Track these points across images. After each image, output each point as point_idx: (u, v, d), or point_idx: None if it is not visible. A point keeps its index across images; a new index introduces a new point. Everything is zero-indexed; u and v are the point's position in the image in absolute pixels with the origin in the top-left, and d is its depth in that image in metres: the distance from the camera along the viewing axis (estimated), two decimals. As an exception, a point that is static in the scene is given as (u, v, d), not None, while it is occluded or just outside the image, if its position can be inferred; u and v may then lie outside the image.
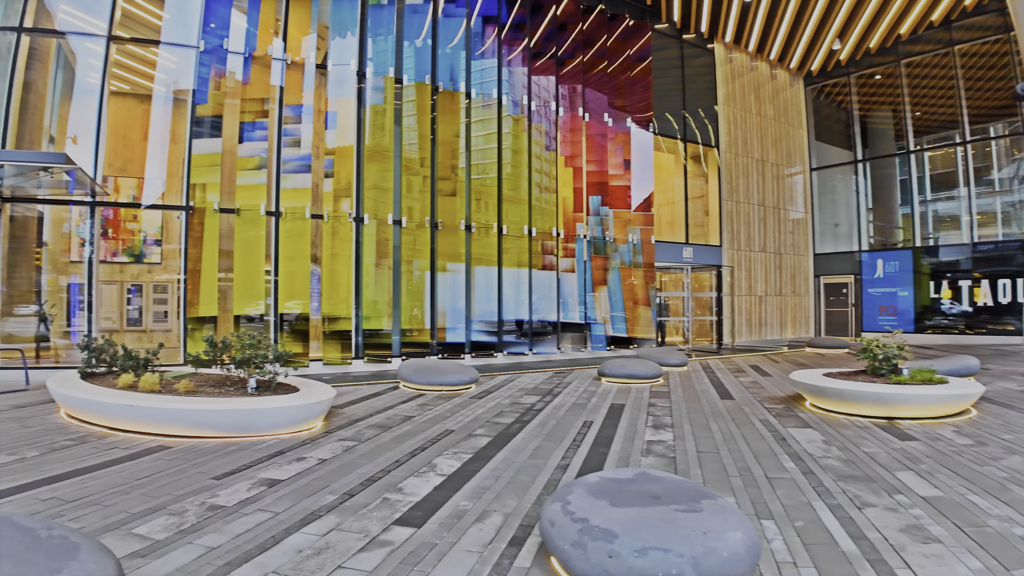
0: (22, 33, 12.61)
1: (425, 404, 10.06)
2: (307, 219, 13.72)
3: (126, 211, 16.40)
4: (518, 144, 17.02)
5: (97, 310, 16.20)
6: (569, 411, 9.58)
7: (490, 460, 6.63)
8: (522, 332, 16.79)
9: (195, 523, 4.72)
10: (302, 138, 14.00)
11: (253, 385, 8.33)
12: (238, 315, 13.19)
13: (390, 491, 5.56)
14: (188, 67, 13.52)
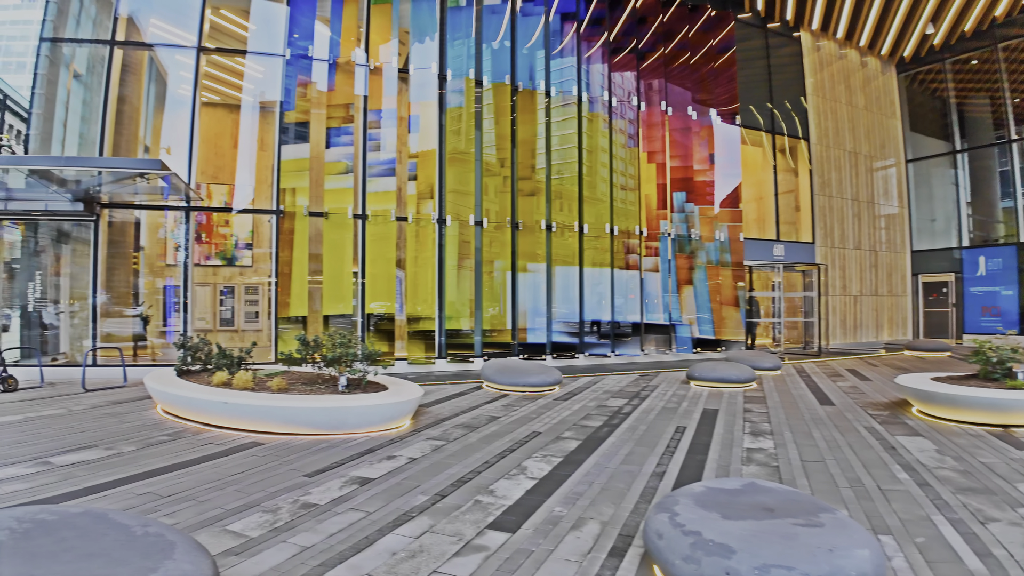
0: (114, 46, 13.31)
1: (510, 405, 10.05)
2: (392, 222, 14.03)
3: (219, 216, 16.93)
4: (598, 141, 16.85)
5: (192, 311, 16.94)
6: (659, 415, 9.35)
7: (581, 465, 6.52)
8: (604, 333, 16.60)
9: (288, 521, 4.81)
10: (386, 142, 14.32)
11: (344, 383, 8.50)
12: (327, 315, 13.57)
13: (481, 493, 5.53)
14: (275, 76, 14.03)
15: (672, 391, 11.64)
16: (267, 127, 14.98)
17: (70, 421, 8.50)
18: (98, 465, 6.37)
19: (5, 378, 10.70)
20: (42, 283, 13.82)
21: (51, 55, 13.21)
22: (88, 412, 9.16)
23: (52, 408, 9.40)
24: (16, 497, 5.29)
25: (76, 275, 13.94)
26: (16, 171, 10.36)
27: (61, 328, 13.93)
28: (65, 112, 13.44)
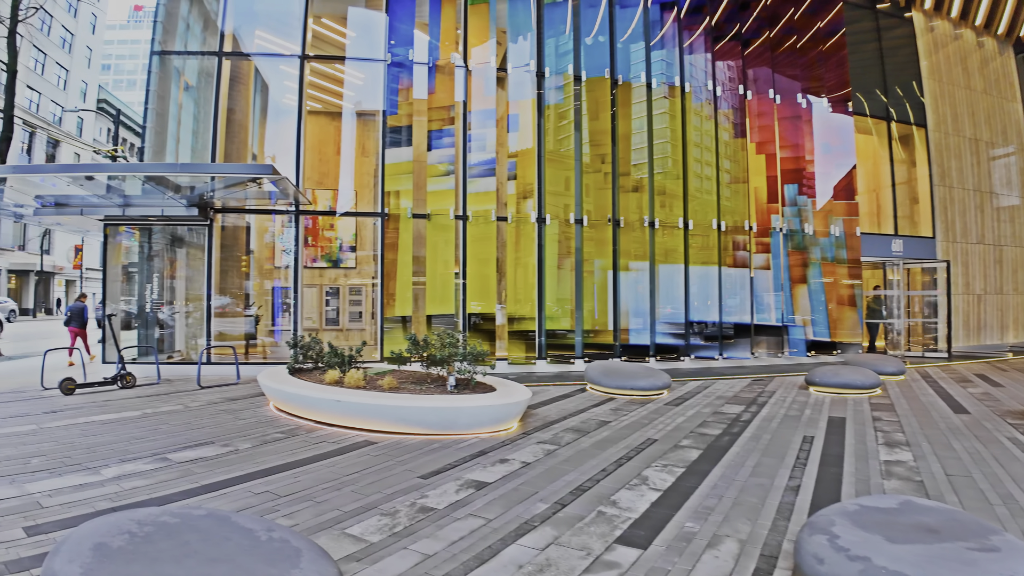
0: (222, 58, 13.77)
1: (618, 409, 9.70)
2: (491, 222, 13.95)
3: (323, 220, 17.33)
4: (703, 133, 16.20)
5: (300, 311, 17.48)
6: (782, 424, 8.80)
7: (706, 476, 6.15)
8: (710, 335, 15.90)
9: (408, 525, 4.70)
10: (485, 142, 14.29)
11: (452, 383, 8.38)
12: (429, 315, 13.59)
13: (603, 504, 5.27)
14: (376, 82, 14.23)
15: (791, 397, 11.01)
16: (368, 133, 15.23)
17: (187, 417, 8.78)
18: (215, 462, 6.47)
19: (124, 375, 11.19)
20: (159, 285, 14.48)
21: (161, 68, 13.82)
22: (204, 409, 9.44)
23: (169, 404, 9.74)
24: (136, 494, 5.40)
25: (190, 277, 14.53)
26: (135, 178, 10.80)
27: (176, 328, 14.55)
28: (177, 123, 14.08)
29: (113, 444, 7.13)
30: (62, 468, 6.12)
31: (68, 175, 10.38)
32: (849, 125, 18.69)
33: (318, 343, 10.17)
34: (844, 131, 18.53)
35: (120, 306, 14.05)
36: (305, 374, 9.65)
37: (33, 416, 8.66)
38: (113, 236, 13.28)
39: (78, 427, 8.01)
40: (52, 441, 7.22)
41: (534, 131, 14.47)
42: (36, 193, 11.86)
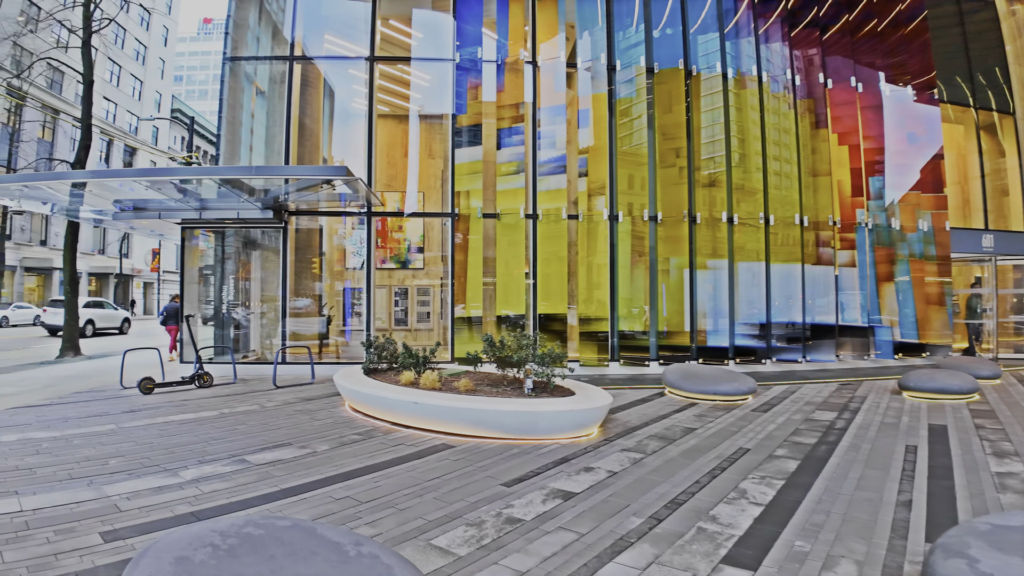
0: (293, 62, 13.81)
1: (702, 415, 9.25)
2: (563, 220, 13.60)
3: (392, 222, 17.39)
4: (783, 124, 15.48)
5: (372, 311, 17.60)
6: (880, 432, 8.25)
7: (809, 489, 5.74)
8: (792, 336, 15.14)
9: (496, 538, 4.46)
10: (555, 139, 13.97)
11: (530, 386, 8.08)
12: (499, 315, 13.33)
13: (702, 519, 4.92)
14: (443, 83, 14.12)
15: (884, 403, 10.41)
16: (434, 134, 15.13)
17: (263, 418, 8.73)
18: (294, 464, 6.35)
19: (201, 375, 11.28)
20: (234, 287, 14.65)
21: (233, 75, 13.95)
22: (280, 409, 9.40)
23: (246, 404, 9.74)
24: (215, 497, 5.30)
25: (264, 279, 14.66)
26: (211, 181, 10.86)
27: (251, 328, 14.70)
28: (250, 129, 14.23)
29: (191, 445, 7.10)
30: (140, 469, 6.10)
31: (145, 179, 10.49)
32: (935, 114, 17.58)
33: (392, 343, 10.04)
34: (930, 120, 17.44)
35: (200, 308, 14.28)
36: (380, 375, 9.51)
37: (112, 415, 8.76)
38: (190, 239, 13.47)
39: (156, 427, 8.04)
40: (131, 441, 7.24)
41: (605, 126, 14.07)
42: (115, 198, 12.09)
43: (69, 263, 18.06)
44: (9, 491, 5.40)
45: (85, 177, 10.61)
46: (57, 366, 15.68)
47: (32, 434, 7.55)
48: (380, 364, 9.99)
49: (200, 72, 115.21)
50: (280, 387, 11.41)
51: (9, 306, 35.06)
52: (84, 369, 14.77)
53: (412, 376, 8.72)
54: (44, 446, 6.96)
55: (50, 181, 10.62)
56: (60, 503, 5.11)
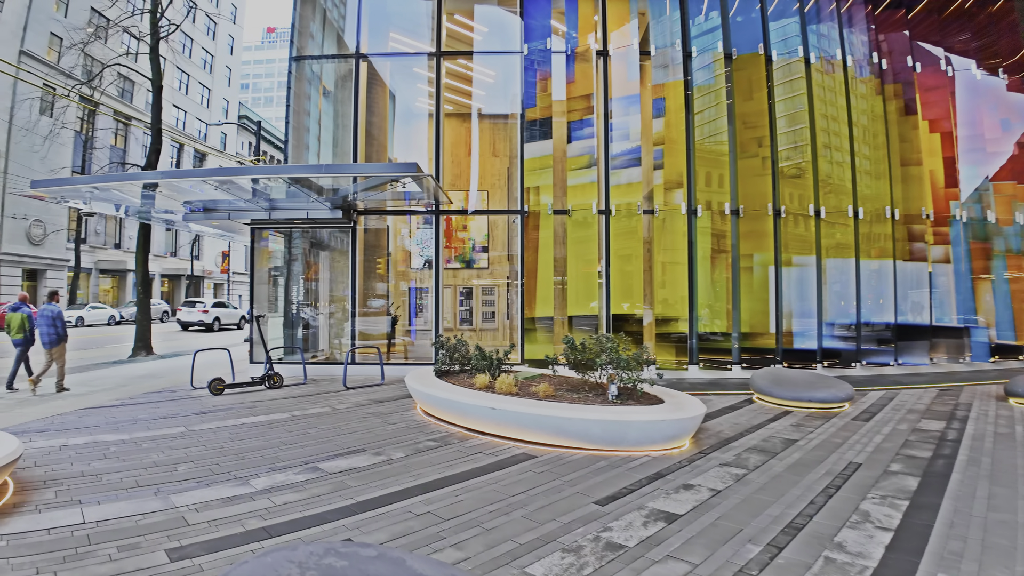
0: (359, 60, 13.51)
1: (799, 425, 8.51)
2: (638, 215, 12.87)
3: (456, 221, 17.09)
4: (870, 110, 14.45)
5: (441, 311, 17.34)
6: (997, 444, 7.47)
7: (937, 511, 5.12)
8: (882, 338, 14.08)
9: (598, 567, 3.99)
10: (629, 130, 13.25)
11: (614, 392, 7.48)
12: (571, 316, 12.75)
13: (828, 547, 4.35)
14: (510, 77, 13.65)
15: (992, 411, 9.56)
16: (498, 131, 14.74)
17: (335, 421, 8.38)
18: (369, 473, 5.98)
19: (272, 375, 11.04)
20: (303, 287, 14.48)
21: (300, 74, 13.76)
22: (352, 412, 9.05)
23: (317, 406, 9.43)
24: (289, 510, 4.95)
25: (333, 279, 14.46)
26: (281, 181, 10.63)
27: (319, 328, 14.50)
28: (317, 128, 14.02)
29: (263, 450, 6.78)
30: (210, 477, 5.81)
31: (215, 178, 10.30)
32: (1029, 98, 16.24)
33: (464, 345, 9.58)
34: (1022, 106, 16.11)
35: (269, 308, 14.16)
36: (452, 377, 9.08)
37: (182, 417, 8.55)
38: (259, 240, 13.32)
39: (227, 430, 7.77)
40: (200, 445, 6.97)
41: (681, 116, 13.31)
42: (185, 199, 11.99)
43: (142, 264, 18.26)
44: (72, 500, 5.12)
45: (156, 178, 10.49)
46: (129, 365, 15.81)
47: (101, 436, 7.35)
48: (452, 366, 9.55)
49: (265, 80, 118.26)
50: (351, 388, 11.11)
51: (85, 307, 36.17)
52: (156, 368, 14.82)
53: (487, 379, 8.23)
54: (112, 450, 6.73)
55: (122, 182, 10.55)
56: (125, 514, 4.81)
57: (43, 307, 11.27)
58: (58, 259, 38.86)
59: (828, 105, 14.25)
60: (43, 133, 31.48)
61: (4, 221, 35.05)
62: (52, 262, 38.48)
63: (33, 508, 4.92)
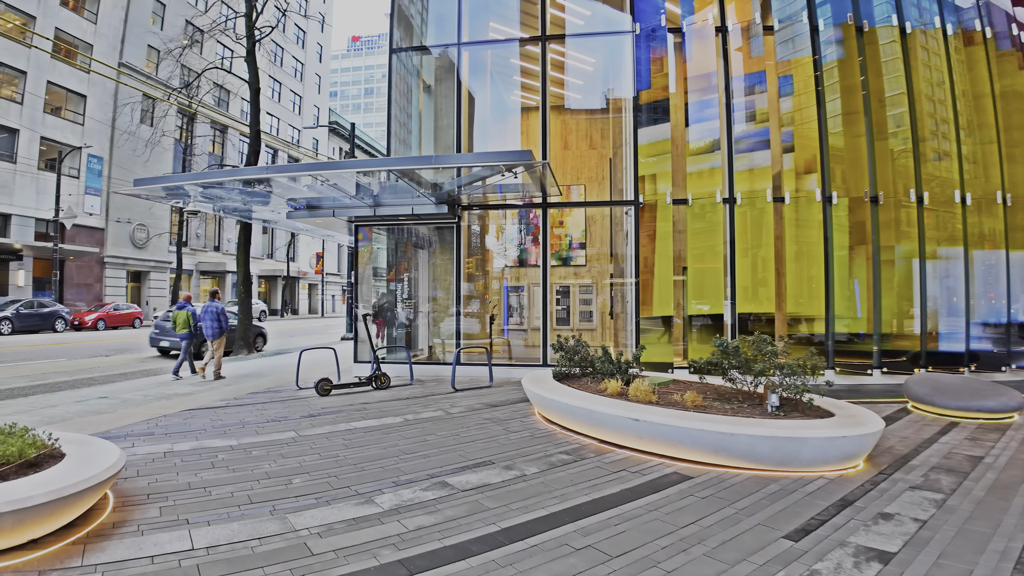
0: (461, 48, 12.85)
1: (975, 439, 7.34)
2: (767, 203, 11.59)
3: (553, 217, 16.50)
4: (1012, 87, 12.76)
5: (530, 310, 16.64)
6: None
7: None
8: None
9: None
10: (754, 111, 12.03)
11: (775, 403, 6.45)
12: (691, 315, 11.66)
13: None
14: (611, 64, 12.69)
15: None
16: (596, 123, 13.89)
17: (452, 427, 7.68)
18: (504, 491, 5.22)
19: (379, 375, 10.49)
20: (408, 284, 13.97)
21: (400, 67, 13.22)
22: (467, 416, 8.34)
23: (429, 409, 8.77)
24: (424, 538, 4.22)
25: (435, 276, 13.89)
26: (388, 174, 10.07)
27: (419, 326, 13.96)
28: (418, 124, 13.45)
29: (382, 460, 6.11)
30: (329, 492, 5.14)
31: (321, 172, 9.80)
32: None
33: (584, 346, 8.70)
34: None
35: (372, 306, 13.71)
36: (574, 381, 8.22)
37: (291, 420, 8.02)
38: (363, 237, 12.84)
39: (340, 435, 7.16)
40: (314, 453, 6.36)
41: (812, 94, 11.98)
42: (289, 197, 11.61)
43: (243, 264, 18.24)
44: (179, 519, 4.50)
45: (259, 173, 10.10)
46: (232, 363, 15.69)
47: (208, 442, 6.84)
48: (572, 369, 8.68)
49: (352, 87, 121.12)
50: (459, 390, 10.42)
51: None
52: (258, 367, 14.61)
53: (618, 385, 7.31)
54: (220, 458, 6.17)
55: (224, 178, 10.19)
56: (238, 538, 4.15)
57: (206, 304, 12.31)
58: (161, 261, 40.27)
59: (969, 80, 12.65)
60: (144, 138, 32.71)
61: (109, 225, 36.51)
62: (155, 264, 39.91)
63: (135, 529, 4.32)
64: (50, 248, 30.28)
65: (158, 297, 40.27)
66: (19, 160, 31.27)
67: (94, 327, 30.10)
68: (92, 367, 15.34)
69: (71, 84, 34.27)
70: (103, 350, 20.11)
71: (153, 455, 6.26)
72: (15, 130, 31.26)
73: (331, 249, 61.29)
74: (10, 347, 20.65)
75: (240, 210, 13.21)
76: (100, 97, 35.42)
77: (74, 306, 33.21)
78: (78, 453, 4.80)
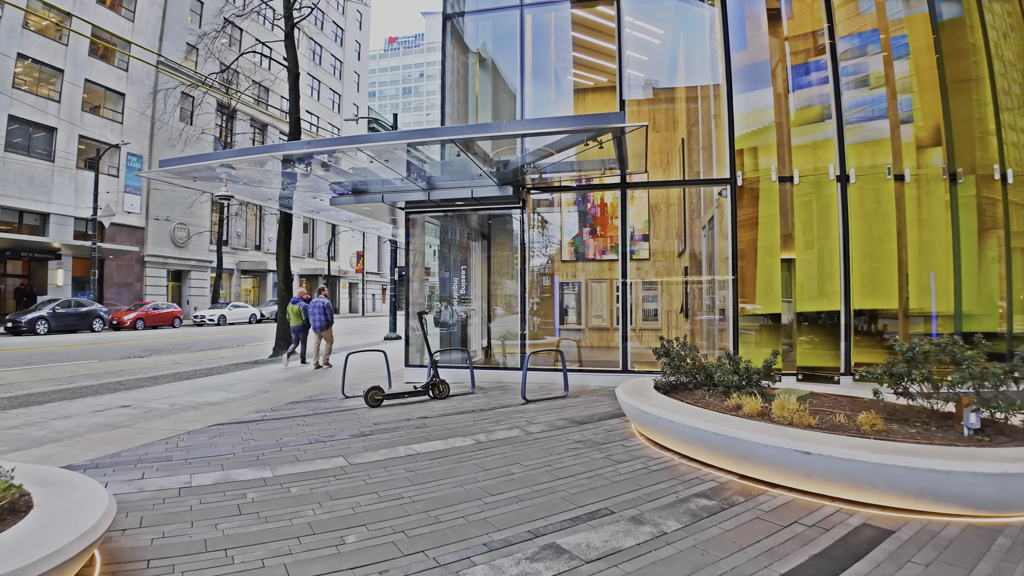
0: (524, 9, 11.31)
1: None
2: (885, 181, 9.74)
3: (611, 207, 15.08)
4: None
5: (587, 308, 15.11)
6: None
7: None
8: None
9: None
10: (866, 75, 10.19)
11: (974, 424, 4.76)
12: (800, 312, 9.86)
13: None
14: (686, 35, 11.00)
15: None
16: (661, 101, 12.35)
17: (539, 453, 6.02)
18: (648, 564, 3.59)
19: (436, 383, 8.97)
20: (466, 279, 12.46)
21: (453, 36, 11.72)
22: (553, 438, 6.67)
23: (502, 427, 7.16)
24: None
25: (495, 270, 12.42)
26: (445, 150, 8.54)
27: (474, 325, 12.44)
28: (475, 98, 11.93)
29: (461, 505, 4.54)
30: (399, 561, 3.59)
31: (367, 146, 8.27)
32: None
33: (693, 350, 7.04)
34: None
35: (427, 304, 12.20)
36: (685, 394, 6.58)
37: (338, 441, 6.49)
38: (415, 226, 11.34)
39: (400, 464, 5.61)
40: (370, 492, 4.81)
41: (930, 57, 10.13)
42: (333, 180, 10.17)
43: (283, 260, 16.95)
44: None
45: (298, 148, 8.63)
46: (271, 366, 14.40)
47: (235, 473, 5.34)
48: (679, 378, 7.02)
49: (390, 87, 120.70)
50: (530, 401, 8.80)
51: (227, 306, 36.43)
52: (299, 370, 13.26)
53: (757, 403, 5.65)
54: (249, 498, 4.66)
55: (260, 155, 8.77)
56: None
57: (314, 300, 13.63)
58: (202, 260, 39.52)
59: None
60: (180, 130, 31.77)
61: (149, 224, 35.79)
62: (196, 263, 39.17)
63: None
64: (89, 247, 29.53)
65: (199, 296, 39.53)
66: (57, 158, 30.62)
67: (132, 327, 29.29)
68: (123, 369, 14.17)
69: (109, 82, 33.63)
70: (138, 351, 19.03)
71: (165, 493, 4.79)
72: (53, 128, 30.62)
73: (371, 247, 60.36)
74: (43, 347, 19.70)
75: (283, 196, 11.79)
76: (139, 95, 34.74)
77: (114, 306, 32.52)
78: (52, 504, 3.38)
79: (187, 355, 17.69)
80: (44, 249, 29.81)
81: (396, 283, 24.60)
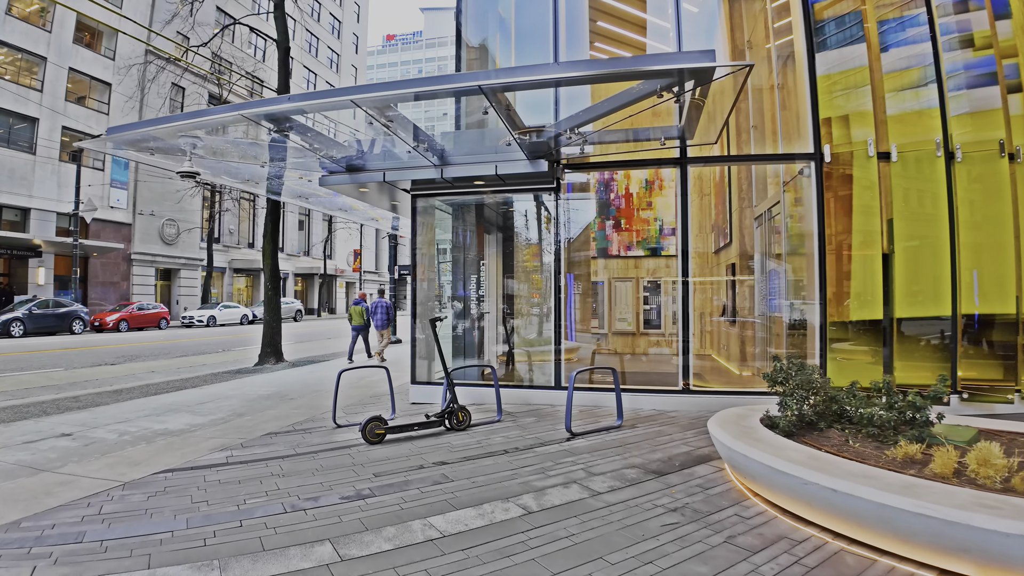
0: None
1: None
2: (999, 159, 7.76)
3: (639, 198, 13.30)
4: None
5: (610, 311, 13.24)
6: None
7: None
8: None
9: None
10: (973, 34, 8.21)
11: None
12: (900, 318, 7.81)
13: None
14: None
15: None
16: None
17: (620, 536, 3.89)
18: None
19: (455, 410, 6.94)
20: (480, 277, 10.37)
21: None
22: (630, 503, 4.50)
23: (554, 481, 5.05)
24: None
25: (518, 265, 10.42)
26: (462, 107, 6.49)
27: (488, 331, 10.39)
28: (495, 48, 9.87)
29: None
30: None
31: (376, 94, 6.22)
32: None
33: (812, 374, 5.01)
34: None
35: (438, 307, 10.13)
36: (812, 436, 4.59)
37: (324, 509, 4.40)
38: (423, 212, 9.26)
39: (418, 551, 3.62)
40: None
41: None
42: (323, 153, 8.14)
43: (270, 256, 14.92)
44: None
45: (273, 105, 6.66)
46: (254, 377, 12.34)
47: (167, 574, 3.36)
48: (802, 410, 4.95)
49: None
50: (576, 435, 6.75)
51: (217, 306, 34.29)
52: (285, 383, 11.23)
53: (953, 460, 3.66)
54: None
55: (226, 113, 6.72)
56: None
57: (375, 300, 15.11)
58: (192, 258, 37.38)
59: None
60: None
61: (136, 220, 33.62)
62: (186, 261, 37.02)
63: None
64: (71, 244, 27.37)
65: (189, 296, 37.35)
66: (39, 150, 28.43)
67: (116, 328, 27.16)
68: (88, 380, 12.16)
69: (95, 71, 31.47)
70: (113, 356, 16.96)
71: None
72: (35, 119, 28.42)
73: (369, 245, 58.25)
74: (12, 352, 17.64)
75: (260, 177, 9.69)
76: (126, 85, 32.56)
77: (99, 306, 30.37)
78: None
79: (165, 362, 15.63)
80: (25, 246, 27.64)
81: (396, 282, 22.67)
